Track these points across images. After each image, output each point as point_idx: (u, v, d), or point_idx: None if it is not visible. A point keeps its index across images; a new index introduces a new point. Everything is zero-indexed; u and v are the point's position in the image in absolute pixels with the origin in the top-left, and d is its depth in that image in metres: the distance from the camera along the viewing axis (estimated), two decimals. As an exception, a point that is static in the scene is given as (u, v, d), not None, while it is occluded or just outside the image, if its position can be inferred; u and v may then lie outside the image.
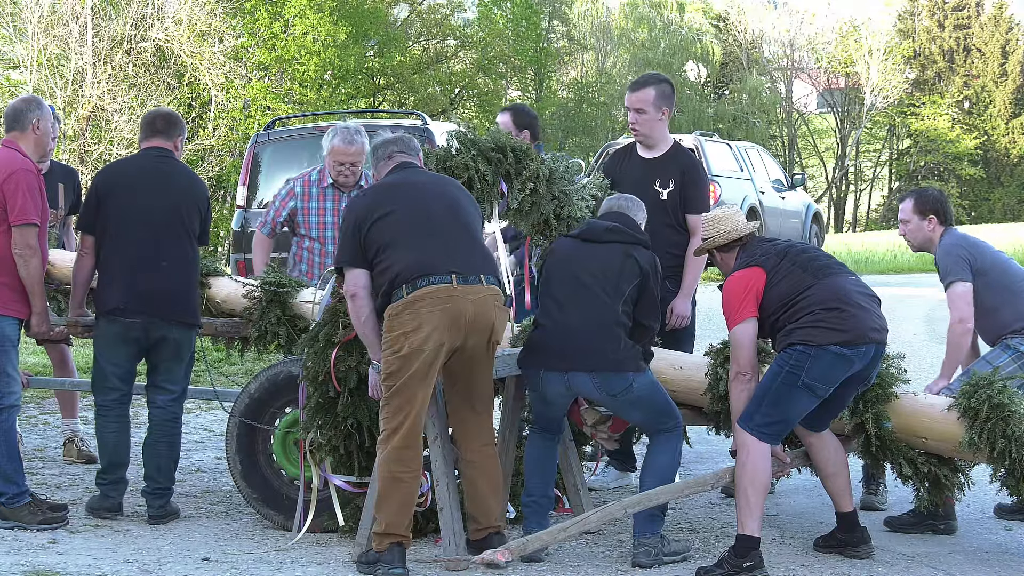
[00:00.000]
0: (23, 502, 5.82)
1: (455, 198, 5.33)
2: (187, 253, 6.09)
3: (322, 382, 5.58)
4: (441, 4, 42.11)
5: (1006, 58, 49.56)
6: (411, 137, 5.63)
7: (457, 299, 5.06)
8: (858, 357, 5.13)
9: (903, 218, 6.28)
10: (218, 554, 5.49)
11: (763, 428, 5.17)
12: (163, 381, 6.14)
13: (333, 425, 5.60)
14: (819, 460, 5.49)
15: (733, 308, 5.28)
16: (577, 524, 5.22)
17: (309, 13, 32.77)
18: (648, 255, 5.46)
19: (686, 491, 5.47)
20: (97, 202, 6.05)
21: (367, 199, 5.34)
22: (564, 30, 48.36)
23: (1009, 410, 5.25)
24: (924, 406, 5.50)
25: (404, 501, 5.13)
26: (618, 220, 5.57)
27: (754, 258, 5.34)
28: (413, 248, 5.11)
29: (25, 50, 27.13)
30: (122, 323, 5.99)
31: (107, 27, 27.83)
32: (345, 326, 5.52)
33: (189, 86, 30.41)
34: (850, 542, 5.50)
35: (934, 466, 5.53)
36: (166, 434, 6.14)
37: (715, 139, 18.91)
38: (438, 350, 5.06)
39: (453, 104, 41.42)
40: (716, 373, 5.65)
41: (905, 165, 51.86)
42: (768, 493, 5.49)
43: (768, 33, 52.66)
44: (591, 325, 5.29)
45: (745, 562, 5.11)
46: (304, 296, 6.28)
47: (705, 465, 7.53)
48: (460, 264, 5.12)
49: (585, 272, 5.39)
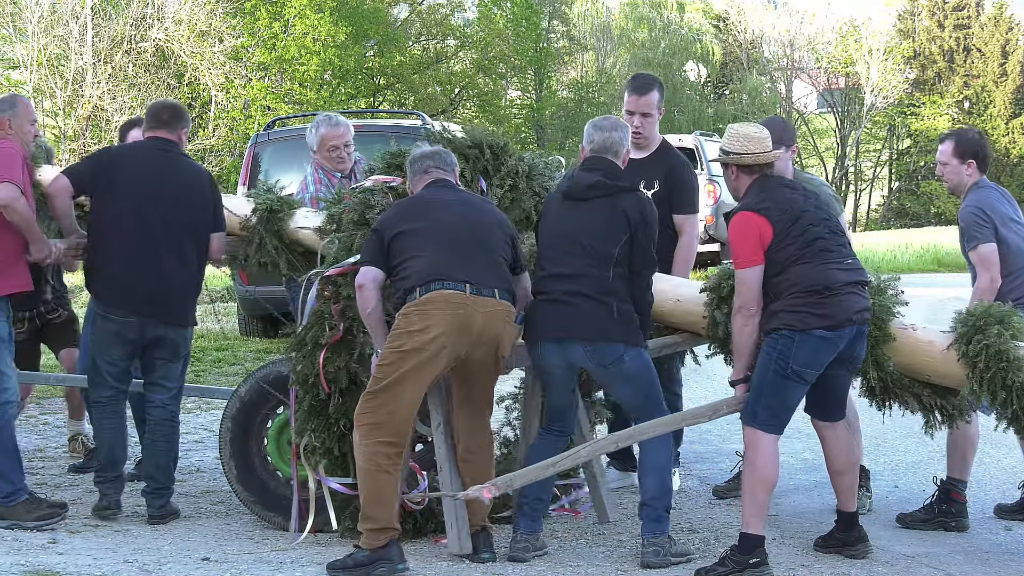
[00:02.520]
0: (19, 500, 5.81)
1: (480, 219, 5.38)
2: (186, 252, 6.04)
3: (312, 384, 5.59)
4: (441, 4, 42.14)
5: (1006, 58, 49.56)
6: (448, 152, 5.66)
7: (468, 307, 5.13)
8: (841, 339, 5.14)
9: (942, 160, 6.19)
10: (218, 554, 5.48)
11: (768, 421, 5.18)
12: (160, 379, 6.12)
13: (326, 427, 5.61)
14: (830, 455, 5.50)
15: (742, 251, 5.18)
16: (568, 458, 5.22)
17: (309, 13, 32.79)
18: (634, 200, 5.38)
19: (683, 421, 5.50)
20: (97, 169, 5.98)
21: (396, 211, 5.45)
22: (564, 30, 48.39)
23: (1008, 358, 5.13)
24: (923, 344, 5.38)
25: (390, 493, 5.18)
26: (600, 167, 5.43)
27: (770, 209, 5.19)
28: (431, 258, 5.21)
29: (25, 50, 27.15)
30: (118, 322, 5.97)
31: (107, 27, 27.85)
32: (331, 327, 5.54)
33: (189, 86, 30.42)
34: (847, 541, 5.50)
35: (939, 397, 5.44)
36: (164, 433, 6.12)
37: (715, 139, 18.90)
38: (439, 352, 5.09)
39: (453, 104, 41.43)
40: (714, 317, 5.56)
41: (905, 165, 51.87)
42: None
43: (768, 33, 52.69)
44: (582, 294, 5.27)
45: (750, 559, 5.11)
46: (298, 221, 6.23)
47: (705, 465, 7.53)
48: (475, 276, 5.19)
49: (571, 237, 5.35)
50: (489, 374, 5.37)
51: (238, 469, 6.02)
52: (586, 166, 5.49)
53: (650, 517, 5.32)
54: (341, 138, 6.76)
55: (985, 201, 6.02)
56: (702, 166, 17.38)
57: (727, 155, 5.37)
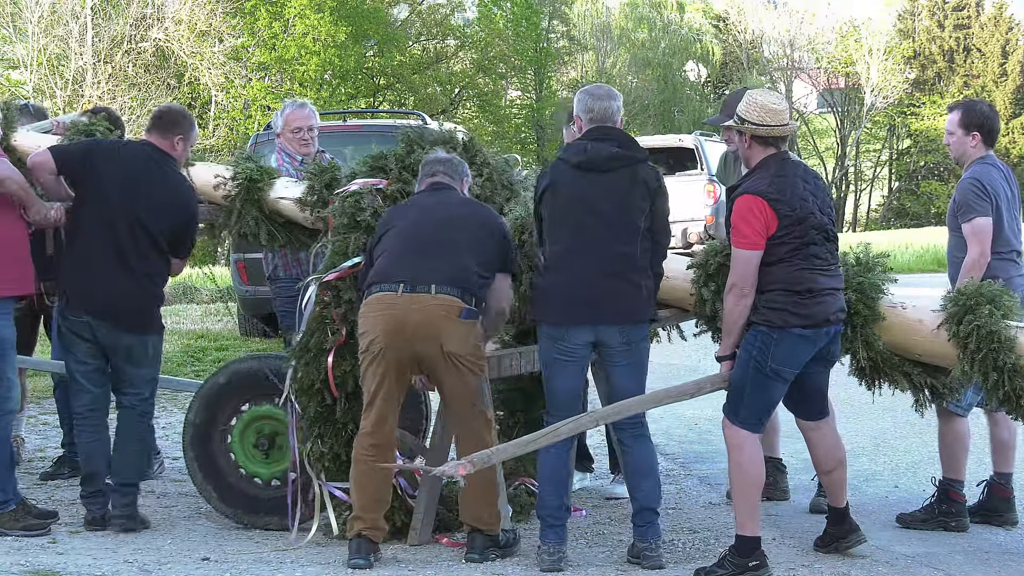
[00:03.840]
0: (7, 509, 5.71)
1: (454, 216, 5.36)
2: (149, 263, 5.81)
3: (317, 391, 5.60)
4: (441, 4, 42.12)
5: (1006, 58, 49.53)
6: (462, 162, 5.67)
7: (398, 306, 5.17)
8: (820, 338, 5.14)
9: (949, 129, 6.12)
10: (218, 554, 5.48)
11: (750, 420, 5.18)
12: (126, 387, 5.92)
13: (334, 433, 5.62)
14: (818, 456, 5.50)
15: (746, 232, 5.08)
16: (547, 435, 5.13)
17: (309, 13, 32.78)
18: (650, 169, 5.33)
19: (666, 399, 5.42)
20: (87, 158, 5.83)
21: (387, 214, 5.56)
22: (564, 30, 48.36)
23: (999, 339, 5.07)
24: (913, 322, 5.34)
25: (370, 485, 5.25)
26: (613, 137, 5.32)
27: (781, 204, 5.07)
28: (382, 261, 5.32)
29: (25, 50, 27.15)
30: (72, 321, 5.81)
31: (107, 27, 27.85)
32: (334, 332, 5.56)
33: (189, 86, 30.43)
34: (840, 534, 5.51)
35: (929, 376, 5.41)
36: (135, 430, 5.93)
37: (715, 139, 18.88)
38: (380, 354, 5.20)
39: (453, 104, 41.42)
40: (700, 294, 5.49)
41: (905, 165, 51.84)
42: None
43: (768, 33, 52.65)
44: (615, 273, 5.18)
45: (750, 561, 5.11)
46: (278, 191, 6.20)
47: (705, 465, 7.53)
48: (415, 274, 5.20)
49: (594, 212, 5.21)
50: (451, 375, 5.25)
51: (198, 461, 6.00)
52: (596, 135, 5.32)
53: (649, 521, 5.32)
54: (306, 120, 6.81)
55: (987, 176, 5.94)
56: (702, 166, 17.36)
57: (742, 123, 5.21)
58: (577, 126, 5.47)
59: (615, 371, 5.32)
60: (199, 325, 14.33)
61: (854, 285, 5.35)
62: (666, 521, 6.20)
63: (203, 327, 14.05)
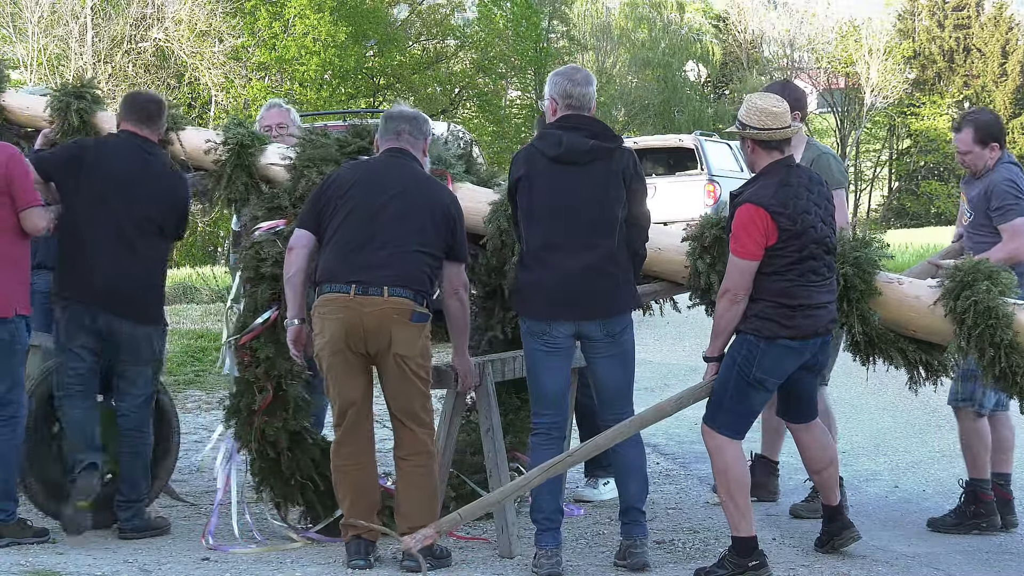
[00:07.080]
0: (11, 522, 5.61)
1: (408, 204, 5.21)
2: (156, 250, 5.88)
3: (258, 449, 5.62)
4: (441, 4, 42.12)
5: (1006, 58, 49.54)
6: (426, 120, 5.53)
7: (352, 309, 5.09)
8: (807, 349, 5.11)
9: (963, 149, 6.04)
10: (218, 554, 5.48)
11: (730, 426, 5.15)
12: (126, 384, 5.85)
13: (283, 483, 5.66)
14: (809, 457, 5.49)
15: (746, 240, 5.03)
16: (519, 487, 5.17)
17: (309, 13, 32.80)
18: (627, 154, 5.25)
19: (654, 419, 5.36)
20: (70, 164, 5.82)
21: (338, 175, 5.36)
22: (564, 30, 48.35)
23: (996, 315, 5.02)
24: (909, 298, 5.28)
25: (356, 491, 5.21)
26: (588, 127, 5.21)
27: (783, 217, 5.01)
28: (333, 252, 5.17)
29: (25, 50, 27.15)
30: (72, 310, 5.77)
31: (107, 27, 27.86)
32: (261, 391, 5.57)
33: (189, 86, 30.43)
34: (833, 531, 5.50)
35: (924, 352, 5.35)
36: (133, 445, 5.86)
37: (715, 139, 18.89)
38: (337, 354, 5.13)
39: (453, 104, 41.43)
40: (695, 267, 5.45)
41: (905, 165, 51.86)
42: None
43: (768, 33, 52.67)
44: (594, 269, 5.13)
45: (749, 561, 5.10)
46: (269, 157, 6.15)
47: (705, 465, 7.51)
48: (367, 274, 5.10)
49: (571, 208, 5.16)
50: (396, 377, 5.18)
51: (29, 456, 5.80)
52: (571, 125, 5.21)
53: (636, 520, 5.30)
54: (272, 119, 6.82)
55: (1020, 176, 5.95)
56: (702, 166, 17.36)
57: (744, 128, 5.17)
58: (551, 109, 5.32)
59: (600, 362, 5.27)
60: (199, 325, 14.32)
61: (851, 260, 5.29)
62: (666, 521, 6.21)
63: (203, 327, 14.03)
